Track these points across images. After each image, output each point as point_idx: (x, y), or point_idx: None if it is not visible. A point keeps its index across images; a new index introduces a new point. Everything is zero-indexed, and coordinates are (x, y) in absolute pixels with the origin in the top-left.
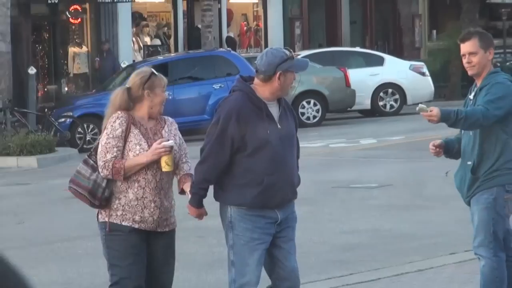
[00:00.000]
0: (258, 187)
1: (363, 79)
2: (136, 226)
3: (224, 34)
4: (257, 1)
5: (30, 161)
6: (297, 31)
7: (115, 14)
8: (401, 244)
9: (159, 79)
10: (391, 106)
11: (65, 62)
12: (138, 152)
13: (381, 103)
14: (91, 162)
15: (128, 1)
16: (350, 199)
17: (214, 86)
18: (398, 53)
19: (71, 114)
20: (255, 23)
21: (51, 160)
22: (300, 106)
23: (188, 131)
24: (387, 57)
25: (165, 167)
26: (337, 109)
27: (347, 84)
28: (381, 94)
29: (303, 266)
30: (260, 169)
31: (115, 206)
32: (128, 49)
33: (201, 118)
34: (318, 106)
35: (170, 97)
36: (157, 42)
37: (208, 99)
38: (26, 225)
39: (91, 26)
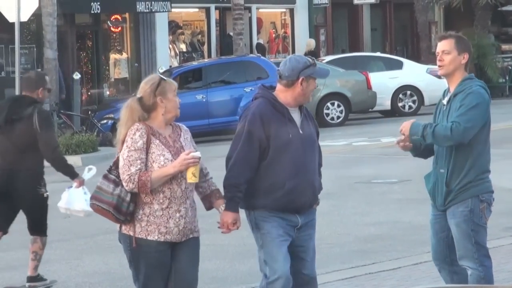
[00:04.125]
0: (280, 191)
1: (384, 82)
2: (162, 239)
3: (254, 41)
4: (285, 10)
5: (75, 160)
6: (322, 37)
7: (153, 23)
8: (420, 235)
9: (169, 84)
10: (410, 107)
11: (107, 67)
12: (163, 163)
13: (400, 104)
14: (113, 177)
15: (165, 11)
16: (371, 194)
17: (245, 89)
18: (416, 58)
19: (112, 116)
20: (283, 30)
21: (94, 159)
22: (325, 107)
23: (220, 131)
24: (405, 61)
25: (191, 178)
26: (359, 110)
27: (369, 86)
28: (400, 95)
29: (328, 256)
30: (281, 173)
31: (139, 217)
32: (165, 55)
33: (233, 119)
34: (342, 107)
35: (204, 100)
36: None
37: (240, 101)
38: (72, 219)
39: (130, 34)
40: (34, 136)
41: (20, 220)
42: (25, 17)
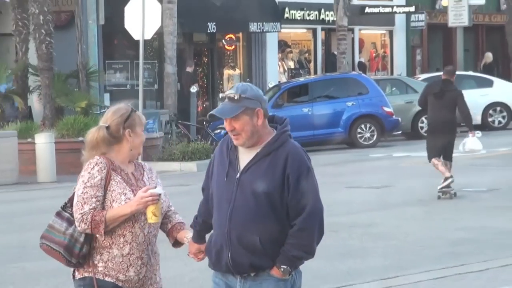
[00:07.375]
0: (208, 242)
1: (474, 99)
2: (120, 284)
3: (356, 60)
4: (384, 32)
5: (190, 166)
6: (418, 57)
7: (264, 42)
8: (507, 240)
9: (139, 117)
10: (499, 122)
11: (221, 82)
12: (123, 203)
13: (490, 119)
14: (67, 215)
15: (275, 31)
16: (461, 201)
17: (347, 103)
18: (506, 77)
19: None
20: (382, 50)
21: None
22: (419, 121)
23: (324, 141)
24: (496, 80)
25: (151, 218)
26: None
27: None
28: (490, 111)
29: (420, 257)
30: (214, 222)
31: (96, 262)
32: (274, 71)
33: (335, 131)
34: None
35: (309, 113)
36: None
37: (342, 114)
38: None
39: (243, 52)
40: (455, 101)
41: None
42: (148, 36)
